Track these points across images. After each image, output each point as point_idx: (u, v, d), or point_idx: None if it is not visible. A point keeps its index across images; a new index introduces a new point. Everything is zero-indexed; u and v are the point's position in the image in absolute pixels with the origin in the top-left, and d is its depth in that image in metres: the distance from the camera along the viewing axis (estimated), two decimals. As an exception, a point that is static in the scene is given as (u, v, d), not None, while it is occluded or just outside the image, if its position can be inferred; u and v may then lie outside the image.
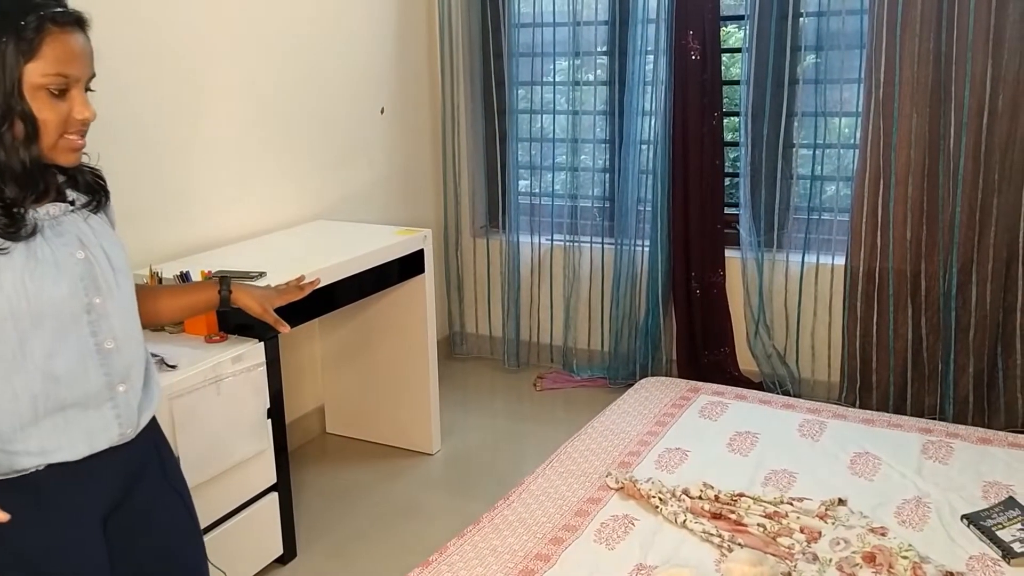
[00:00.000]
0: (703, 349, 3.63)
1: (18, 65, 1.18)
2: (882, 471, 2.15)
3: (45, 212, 1.26)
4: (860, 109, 3.17)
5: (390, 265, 2.88)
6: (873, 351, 3.27)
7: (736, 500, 1.98)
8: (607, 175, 3.78)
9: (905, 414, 3.04)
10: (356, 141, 3.49)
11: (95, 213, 1.34)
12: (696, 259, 3.56)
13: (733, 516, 1.92)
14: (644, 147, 3.56)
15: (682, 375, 3.55)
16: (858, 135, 3.20)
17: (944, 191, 3.07)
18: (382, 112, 3.61)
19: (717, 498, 1.99)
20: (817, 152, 3.34)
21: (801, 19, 3.26)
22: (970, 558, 1.78)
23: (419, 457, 3.18)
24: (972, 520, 1.90)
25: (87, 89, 1.26)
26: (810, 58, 3.29)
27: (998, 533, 1.83)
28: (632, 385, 2.83)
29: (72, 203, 1.32)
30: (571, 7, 3.61)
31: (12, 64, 1.18)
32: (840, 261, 3.33)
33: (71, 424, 1.28)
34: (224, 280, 1.62)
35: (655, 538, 1.88)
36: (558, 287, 3.91)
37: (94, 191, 1.36)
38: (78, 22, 1.23)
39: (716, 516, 1.94)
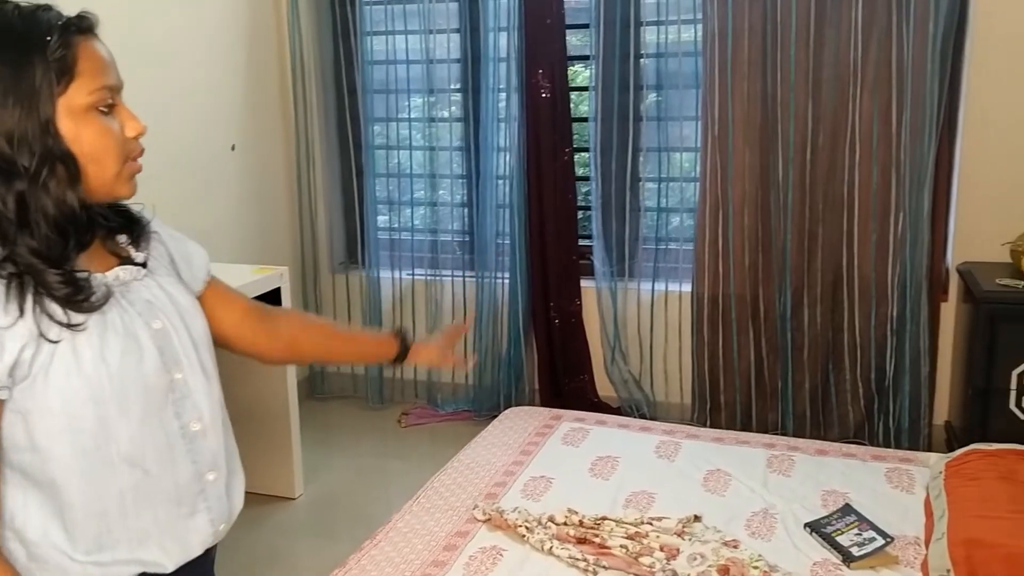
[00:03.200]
0: (564, 377, 3.72)
1: (53, 94, 1.01)
2: (732, 486, 2.27)
3: (114, 277, 1.10)
4: (699, 145, 3.36)
5: (246, 305, 2.80)
6: (720, 372, 3.45)
7: (599, 523, 2.04)
8: (466, 209, 3.83)
9: (751, 430, 3.22)
10: (206, 179, 3.38)
11: (136, 248, 1.16)
12: (554, 290, 3.66)
13: (597, 539, 1.98)
14: (500, 182, 3.64)
15: (544, 404, 3.61)
16: (698, 169, 3.39)
17: (776, 221, 3.30)
18: (232, 149, 3.52)
19: (581, 523, 2.04)
20: (662, 185, 3.52)
21: (642, 60, 3.45)
22: (814, 564, 1.90)
23: (281, 502, 3.08)
24: (814, 528, 2.03)
25: None
26: (652, 96, 3.48)
27: (837, 539, 1.96)
28: (497, 416, 2.86)
29: (144, 265, 1.15)
30: (424, 45, 3.67)
31: (46, 93, 1.00)
32: (687, 288, 3.51)
33: (162, 525, 1.11)
34: (402, 336, 1.50)
35: (523, 567, 1.91)
36: (420, 321, 3.91)
37: (128, 226, 1.17)
38: (94, 27, 1.08)
39: (581, 540, 1.98)
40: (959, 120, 3.16)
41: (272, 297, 2.92)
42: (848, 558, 1.90)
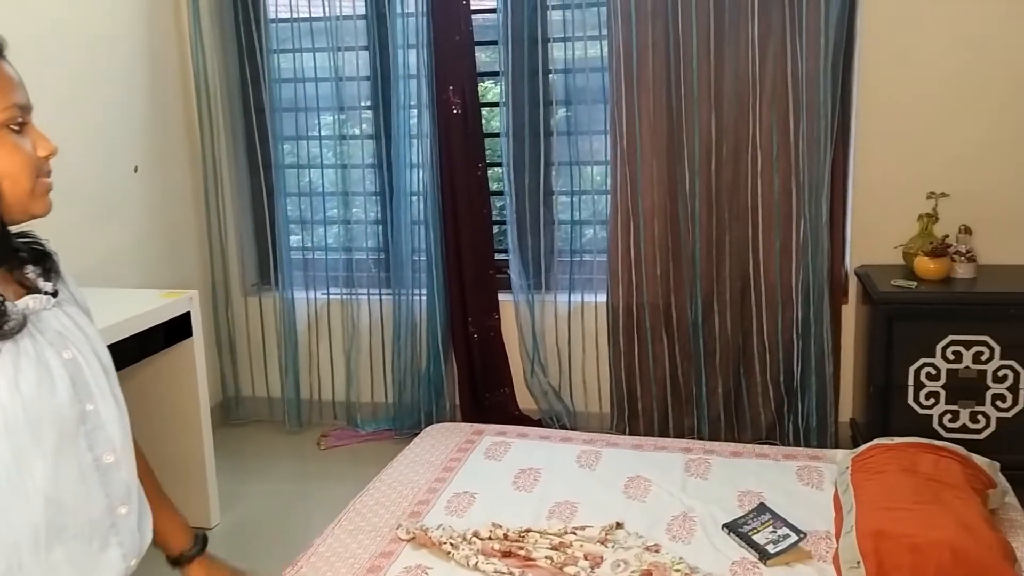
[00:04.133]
0: (484, 391, 3.72)
1: None
2: (652, 492, 2.31)
3: (25, 306, 1.08)
4: (609, 158, 3.43)
5: (154, 331, 2.71)
6: (637, 380, 3.52)
7: (524, 536, 2.05)
8: (380, 227, 3.80)
9: (669, 436, 3.30)
10: (109, 202, 3.27)
11: (48, 280, 1.15)
12: (472, 304, 3.67)
13: (522, 552, 1.99)
14: (415, 198, 3.63)
15: (466, 419, 3.61)
16: (609, 182, 3.46)
17: (684, 230, 3.39)
18: (136, 171, 3.41)
19: (506, 536, 2.05)
20: (574, 198, 3.57)
21: (551, 75, 3.50)
22: (732, 564, 1.96)
23: (197, 533, 2.98)
24: (731, 528, 2.09)
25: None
26: (562, 112, 3.54)
27: (754, 537, 2.03)
28: (418, 434, 2.85)
29: (54, 294, 1.13)
30: (332, 63, 3.64)
31: None
32: (602, 298, 3.56)
33: (75, 560, 1.08)
34: (202, 541, 1.44)
35: (449, 585, 1.90)
36: (337, 341, 3.86)
37: (38, 259, 1.16)
38: (3, 49, 1.10)
39: (506, 554, 1.99)
40: (852, 130, 3.32)
41: (182, 322, 2.83)
42: (764, 556, 1.96)
